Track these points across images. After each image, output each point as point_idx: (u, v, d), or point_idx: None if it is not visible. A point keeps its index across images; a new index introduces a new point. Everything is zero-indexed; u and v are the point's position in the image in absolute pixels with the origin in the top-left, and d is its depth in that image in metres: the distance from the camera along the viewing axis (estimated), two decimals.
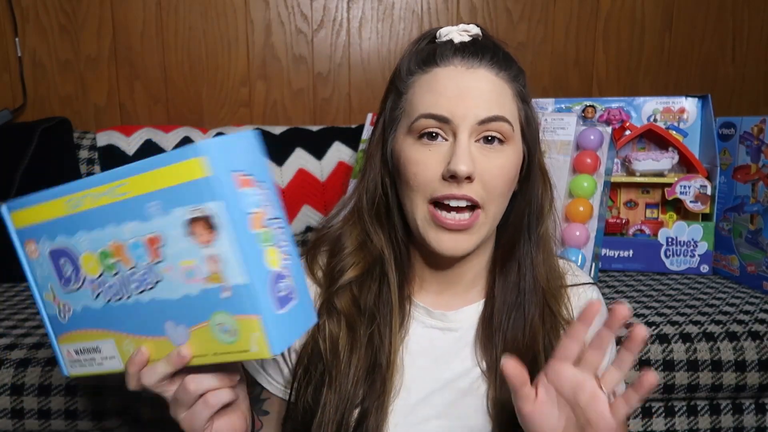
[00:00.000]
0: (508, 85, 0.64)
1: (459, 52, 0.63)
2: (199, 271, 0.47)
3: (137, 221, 0.48)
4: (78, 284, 0.54)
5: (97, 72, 1.66)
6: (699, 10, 1.82)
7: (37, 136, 1.44)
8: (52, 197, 0.52)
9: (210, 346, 0.49)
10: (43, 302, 0.57)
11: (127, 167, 0.48)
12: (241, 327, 0.47)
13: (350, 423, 0.63)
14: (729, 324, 1.08)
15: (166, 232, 0.47)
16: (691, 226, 1.41)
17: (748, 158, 1.35)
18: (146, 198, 0.47)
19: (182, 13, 1.67)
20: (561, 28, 1.79)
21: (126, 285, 0.51)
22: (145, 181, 0.47)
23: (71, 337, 0.56)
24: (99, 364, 0.56)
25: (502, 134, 0.62)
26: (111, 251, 0.51)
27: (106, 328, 0.54)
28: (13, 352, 0.96)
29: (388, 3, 1.73)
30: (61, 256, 0.54)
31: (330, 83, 1.75)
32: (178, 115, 1.71)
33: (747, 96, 1.88)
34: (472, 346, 0.68)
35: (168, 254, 0.47)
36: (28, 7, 1.61)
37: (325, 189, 1.57)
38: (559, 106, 1.54)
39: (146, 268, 0.49)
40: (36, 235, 0.55)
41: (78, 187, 0.51)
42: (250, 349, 0.48)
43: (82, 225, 0.51)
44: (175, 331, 0.50)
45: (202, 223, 0.45)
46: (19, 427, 0.95)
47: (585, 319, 0.53)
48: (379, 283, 0.67)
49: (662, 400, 1.07)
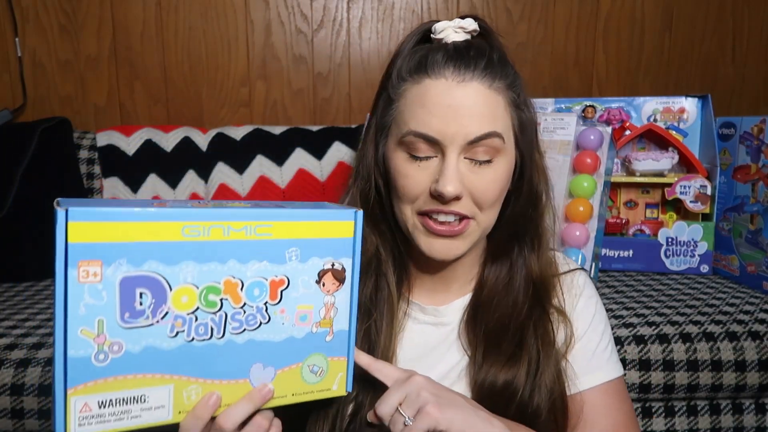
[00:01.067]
0: (502, 95, 0.61)
1: (451, 60, 0.60)
2: (313, 316, 0.53)
3: (266, 262, 0.50)
4: (152, 320, 0.47)
5: (97, 72, 1.66)
6: (699, 10, 1.82)
7: (37, 136, 1.44)
8: (160, 218, 0.46)
9: (291, 387, 0.53)
10: (71, 339, 0.45)
11: (274, 211, 0.50)
12: (331, 368, 0.55)
13: (345, 417, 0.63)
14: (729, 324, 1.08)
15: (296, 277, 0.51)
16: (691, 226, 1.41)
17: (748, 158, 1.35)
18: (287, 243, 0.50)
19: (182, 13, 1.67)
20: (561, 28, 1.79)
21: (224, 324, 0.49)
22: (292, 228, 0.51)
23: (104, 385, 0.46)
24: (134, 417, 0.48)
25: (493, 149, 0.61)
26: (222, 287, 0.48)
27: (169, 372, 0.48)
28: (13, 352, 0.96)
29: (388, 3, 1.73)
30: (139, 285, 0.46)
31: (330, 83, 1.75)
32: (178, 115, 1.71)
33: (747, 96, 1.88)
34: (456, 338, 0.69)
35: (288, 297, 0.51)
36: (28, 7, 1.61)
37: (325, 189, 1.57)
38: (559, 106, 1.54)
39: (257, 309, 0.50)
40: (107, 256, 0.45)
41: (204, 216, 0.47)
42: (332, 388, 0.56)
43: (193, 256, 0.47)
44: (261, 373, 0.52)
45: (332, 274, 0.53)
46: (19, 427, 0.95)
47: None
48: (376, 279, 0.68)
49: (662, 400, 1.07)
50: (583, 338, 0.70)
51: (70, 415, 0.46)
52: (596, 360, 0.69)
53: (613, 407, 0.68)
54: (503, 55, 0.64)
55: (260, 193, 1.54)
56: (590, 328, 0.70)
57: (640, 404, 1.07)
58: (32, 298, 1.24)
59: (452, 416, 0.56)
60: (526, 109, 0.65)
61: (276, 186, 1.55)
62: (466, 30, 0.64)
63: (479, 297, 0.69)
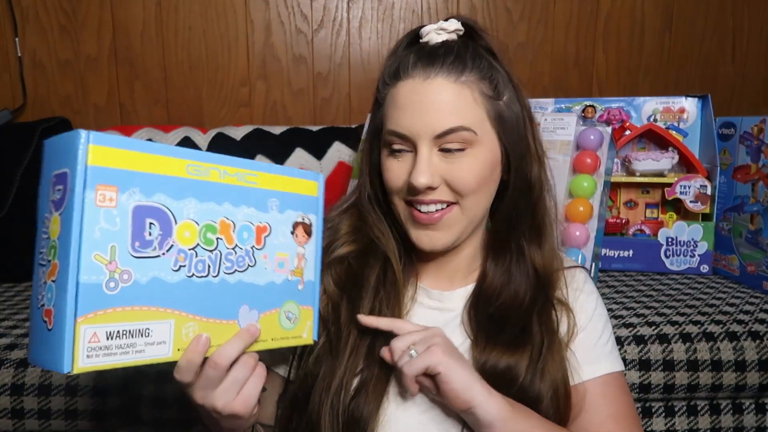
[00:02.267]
0: (471, 87, 0.64)
1: (420, 60, 0.64)
2: (288, 264, 0.58)
3: (254, 209, 0.55)
4: (159, 251, 0.48)
5: (97, 72, 1.66)
6: (699, 10, 1.82)
7: (37, 136, 1.44)
8: (168, 153, 0.49)
9: (271, 332, 0.57)
10: (84, 264, 0.44)
11: (257, 163, 0.56)
12: (302, 315, 0.60)
13: (349, 390, 0.64)
14: (729, 324, 1.08)
15: (276, 226, 0.57)
16: (691, 226, 1.41)
17: (748, 158, 1.35)
18: (270, 194, 0.56)
19: (182, 13, 1.67)
20: (561, 28, 1.79)
21: (219, 263, 0.52)
22: (273, 180, 0.56)
23: (113, 315, 0.45)
24: (138, 351, 0.47)
25: (464, 141, 0.63)
26: (218, 227, 0.52)
27: (171, 307, 0.49)
28: (13, 352, 0.96)
29: (388, 3, 1.73)
30: (149, 216, 0.47)
31: (330, 83, 1.75)
32: (178, 115, 1.71)
33: (747, 96, 1.88)
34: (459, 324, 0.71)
35: (270, 244, 0.56)
36: (28, 7, 1.61)
37: (325, 189, 1.57)
38: (559, 106, 1.54)
39: (246, 251, 0.54)
40: (123, 183, 0.46)
41: (204, 158, 0.51)
42: (302, 335, 0.61)
43: (195, 193, 0.50)
44: (247, 315, 0.55)
45: (303, 227, 0.59)
46: (19, 427, 0.95)
47: None
48: (383, 264, 0.71)
49: (662, 400, 1.07)
50: (585, 330, 0.71)
51: (79, 345, 0.43)
52: (598, 351, 0.71)
53: (614, 398, 0.69)
54: (480, 49, 0.67)
55: None
56: (591, 322, 0.72)
57: (640, 404, 1.07)
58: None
59: (455, 366, 0.59)
60: (509, 101, 0.67)
61: None
62: (448, 30, 0.67)
63: (482, 286, 0.71)
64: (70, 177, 0.44)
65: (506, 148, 0.67)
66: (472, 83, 0.64)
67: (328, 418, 0.63)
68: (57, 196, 0.45)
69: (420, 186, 0.63)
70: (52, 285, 0.44)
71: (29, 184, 1.40)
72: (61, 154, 0.45)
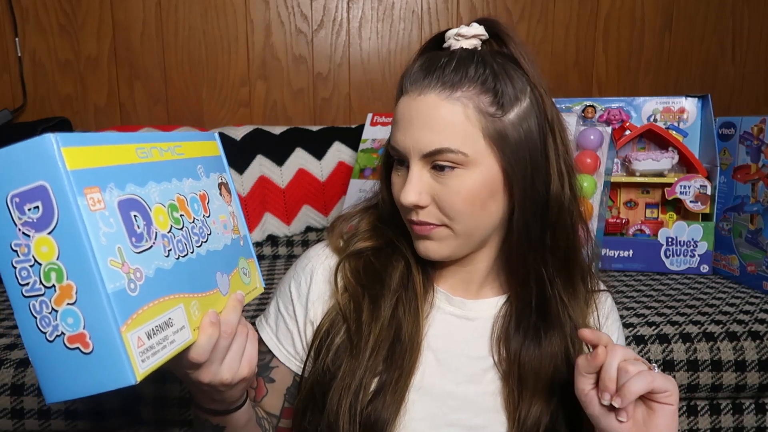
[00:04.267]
0: (464, 104, 0.59)
1: (419, 74, 0.62)
2: (229, 224, 0.59)
3: (192, 179, 0.55)
4: (151, 241, 0.47)
5: (97, 72, 1.67)
6: (699, 10, 1.82)
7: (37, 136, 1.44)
8: (119, 141, 0.46)
9: (240, 290, 0.58)
10: (107, 273, 0.42)
11: (172, 134, 0.56)
12: (251, 268, 0.61)
13: (368, 391, 0.64)
14: (729, 324, 1.08)
15: (210, 191, 0.57)
16: (691, 226, 1.41)
17: (748, 158, 1.35)
18: (195, 161, 0.56)
19: (182, 13, 1.67)
20: (561, 28, 1.79)
21: (190, 238, 0.52)
22: (193, 148, 0.56)
23: (144, 315, 0.44)
24: (172, 342, 0.46)
25: (453, 162, 0.60)
26: (177, 204, 0.51)
27: (178, 291, 0.48)
28: (13, 352, 0.96)
29: (388, 3, 1.73)
30: (131, 208, 0.45)
31: (330, 83, 1.75)
32: (178, 115, 1.71)
33: (747, 96, 1.88)
34: (488, 338, 0.70)
35: (212, 209, 0.57)
36: (28, 7, 1.61)
37: (325, 189, 1.57)
38: (559, 106, 1.53)
39: (201, 222, 0.55)
40: (101, 182, 0.43)
41: (142, 139, 0.49)
42: (257, 286, 0.62)
43: (151, 176, 0.49)
44: (222, 280, 0.56)
45: (224, 186, 0.60)
46: (19, 427, 0.95)
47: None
48: (405, 264, 0.70)
49: None
50: None
51: (133, 353, 0.42)
52: None
53: None
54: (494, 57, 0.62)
55: (260, 193, 1.54)
56: None
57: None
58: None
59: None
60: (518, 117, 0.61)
61: (276, 186, 1.55)
62: (466, 36, 0.64)
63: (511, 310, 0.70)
64: (53, 189, 0.40)
65: (508, 168, 0.61)
66: (468, 99, 0.59)
67: (346, 418, 0.63)
68: (34, 215, 0.41)
69: (407, 204, 0.62)
70: (71, 308, 0.42)
71: None
72: (22, 167, 0.41)
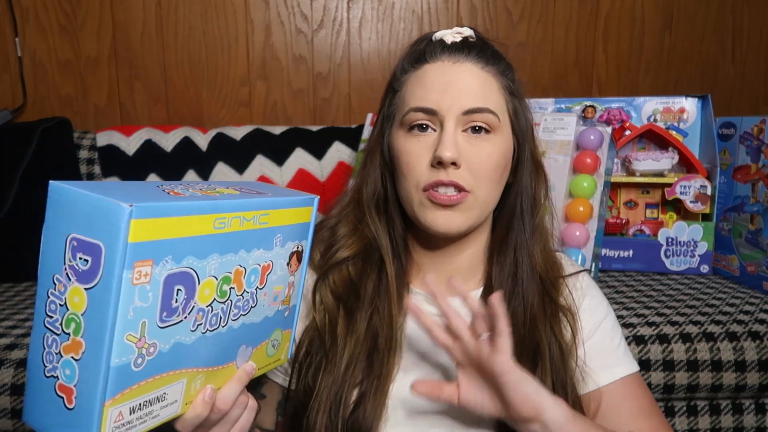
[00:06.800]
0: (495, 78, 0.66)
1: (447, 49, 0.66)
2: (281, 295, 0.56)
3: (263, 249, 0.52)
4: (182, 315, 0.45)
5: (97, 72, 1.66)
6: (699, 10, 1.82)
7: (37, 136, 1.44)
8: (200, 211, 0.45)
9: (259, 363, 0.56)
10: (118, 347, 0.41)
11: (269, 200, 0.52)
12: (284, 340, 0.59)
13: (348, 403, 0.64)
14: (729, 324, 1.08)
15: (277, 261, 0.54)
16: (691, 226, 1.41)
17: (748, 158, 1.35)
18: (276, 231, 0.53)
19: (182, 13, 1.67)
20: (561, 28, 1.79)
21: (228, 312, 0.49)
22: (282, 216, 0.54)
23: (137, 390, 0.43)
24: (154, 417, 0.46)
25: (488, 124, 0.65)
26: (233, 276, 0.49)
27: (186, 366, 0.47)
28: (13, 352, 0.97)
29: (388, 3, 1.73)
30: (177, 283, 0.44)
31: (330, 83, 1.75)
32: (178, 115, 1.71)
33: (747, 96, 1.88)
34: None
35: (270, 281, 0.54)
36: (28, 7, 1.61)
37: (325, 189, 1.57)
38: (559, 106, 1.54)
39: (251, 294, 0.52)
40: (158, 255, 0.42)
41: (227, 208, 0.47)
42: (281, 358, 0.60)
43: (217, 248, 0.46)
44: (244, 353, 0.54)
45: (297, 255, 0.57)
46: (19, 427, 0.95)
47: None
48: (378, 270, 0.70)
49: (662, 400, 1.07)
50: (594, 335, 0.70)
51: (106, 428, 0.42)
52: (613, 356, 0.70)
53: (639, 395, 0.70)
54: (496, 51, 0.69)
55: None
56: (600, 326, 0.71)
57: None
58: (32, 298, 1.24)
59: (521, 370, 0.57)
60: (521, 101, 0.69)
61: (276, 186, 1.55)
62: (463, 35, 0.68)
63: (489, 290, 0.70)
64: (106, 253, 0.40)
65: (518, 144, 0.69)
66: (496, 75, 0.66)
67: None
68: (82, 266, 0.41)
69: (447, 159, 0.61)
70: (72, 362, 0.42)
71: (29, 184, 1.40)
72: (91, 218, 0.40)
